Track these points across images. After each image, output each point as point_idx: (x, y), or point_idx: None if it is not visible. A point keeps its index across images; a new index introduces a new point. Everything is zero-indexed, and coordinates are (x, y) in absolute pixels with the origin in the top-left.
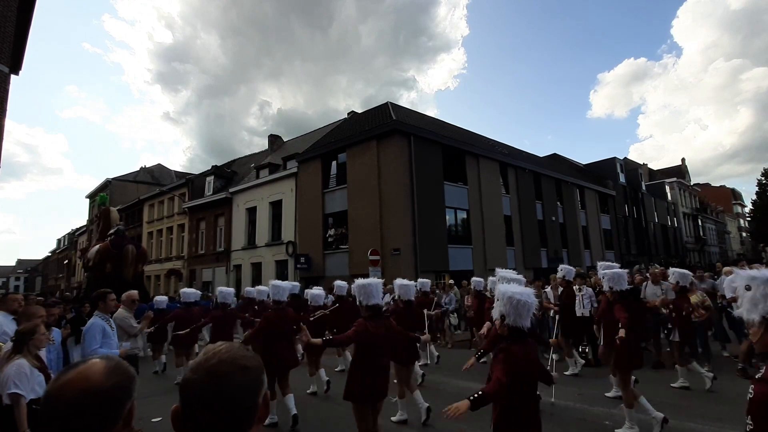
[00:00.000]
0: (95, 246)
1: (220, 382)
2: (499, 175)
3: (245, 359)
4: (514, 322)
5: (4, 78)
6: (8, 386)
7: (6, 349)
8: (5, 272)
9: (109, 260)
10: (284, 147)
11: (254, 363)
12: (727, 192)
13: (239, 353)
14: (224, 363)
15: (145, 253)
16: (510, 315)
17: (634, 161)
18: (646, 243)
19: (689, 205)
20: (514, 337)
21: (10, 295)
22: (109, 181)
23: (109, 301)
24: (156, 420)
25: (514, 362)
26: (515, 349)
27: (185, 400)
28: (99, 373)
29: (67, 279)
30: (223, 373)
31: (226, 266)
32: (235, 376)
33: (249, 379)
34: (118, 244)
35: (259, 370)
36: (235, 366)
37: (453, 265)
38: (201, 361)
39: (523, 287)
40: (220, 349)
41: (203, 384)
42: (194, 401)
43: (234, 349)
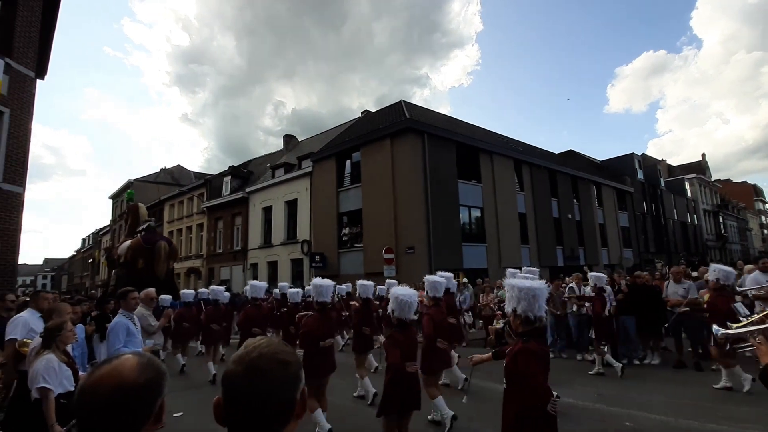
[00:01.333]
0: (125, 242)
1: (259, 376)
2: (514, 172)
3: (284, 354)
4: (525, 311)
5: (30, 82)
6: (37, 381)
7: (35, 345)
8: (33, 271)
9: (141, 256)
10: (299, 146)
11: (293, 358)
12: (748, 188)
13: (279, 348)
14: (264, 357)
15: (175, 249)
16: (521, 304)
17: (652, 157)
18: (665, 240)
19: (710, 201)
20: (528, 333)
21: (41, 293)
22: (131, 182)
23: (130, 299)
24: (177, 415)
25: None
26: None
27: (226, 392)
28: (132, 369)
29: (91, 277)
30: (262, 367)
31: (243, 265)
32: (274, 370)
33: (287, 374)
34: (149, 240)
35: (298, 365)
36: (275, 360)
37: (467, 264)
38: (242, 355)
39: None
40: (261, 343)
41: (243, 377)
42: (234, 393)
43: (274, 343)
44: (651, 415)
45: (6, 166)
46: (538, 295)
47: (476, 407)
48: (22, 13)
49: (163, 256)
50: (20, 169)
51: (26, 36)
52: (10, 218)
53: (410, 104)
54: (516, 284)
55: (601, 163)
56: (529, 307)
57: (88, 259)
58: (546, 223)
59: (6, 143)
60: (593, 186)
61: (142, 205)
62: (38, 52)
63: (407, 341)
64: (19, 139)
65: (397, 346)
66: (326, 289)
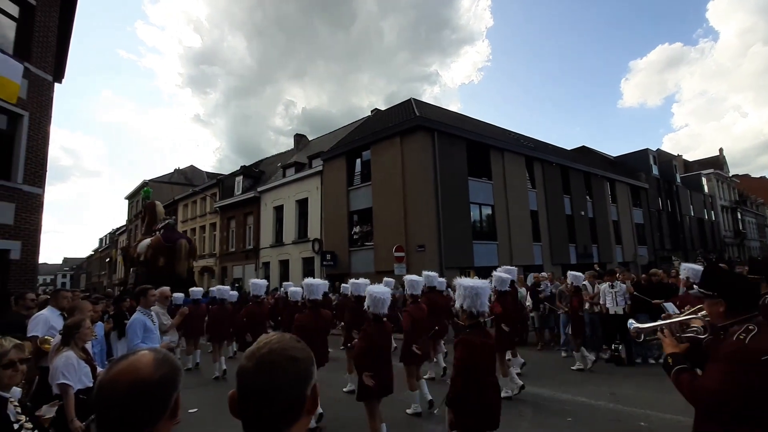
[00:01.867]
0: (144, 240)
1: (269, 371)
2: (525, 169)
3: (295, 350)
4: (469, 306)
5: (48, 86)
6: (57, 377)
7: (55, 343)
8: (53, 270)
9: (162, 254)
10: (309, 146)
11: (304, 354)
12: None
13: (290, 344)
14: (274, 353)
15: (196, 248)
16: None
17: (667, 152)
18: (681, 237)
19: (727, 197)
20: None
21: (61, 291)
22: (145, 182)
23: (149, 296)
24: (192, 411)
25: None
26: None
27: (239, 387)
28: (148, 364)
29: (108, 276)
30: (272, 363)
31: (255, 263)
32: (284, 366)
33: (297, 370)
34: (170, 238)
35: (308, 361)
36: (285, 356)
37: (478, 261)
38: (254, 350)
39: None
40: (272, 339)
41: (254, 372)
42: (245, 388)
43: (285, 339)
44: (665, 414)
45: (26, 168)
46: (480, 293)
47: None
48: (40, 18)
49: (184, 254)
50: (40, 170)
51: (44, 41)
52: (31, 219)
53: (420, 102)
54: (462, 283)
55: (615, 159)
56: (472, 304)
57: (105, 258)
58: (558, 220)
59: (26, 146)
60: (607, 182)
61: (159, 204)
62: (55, 57)
63: (379, 333)
64: (38, 142)
65: (368, 338)
66: (317, 288)
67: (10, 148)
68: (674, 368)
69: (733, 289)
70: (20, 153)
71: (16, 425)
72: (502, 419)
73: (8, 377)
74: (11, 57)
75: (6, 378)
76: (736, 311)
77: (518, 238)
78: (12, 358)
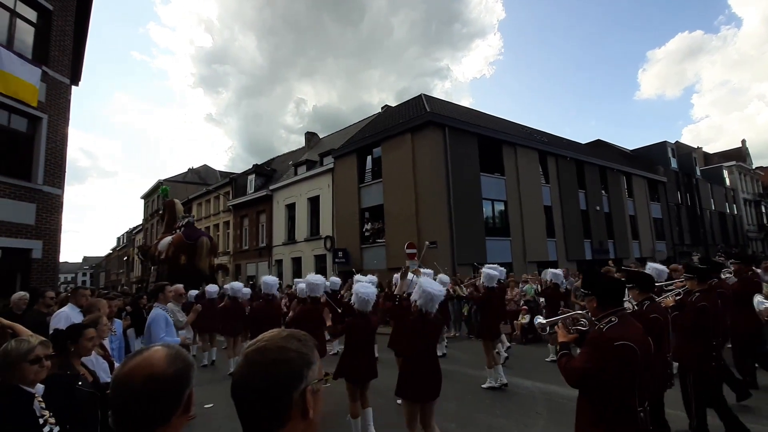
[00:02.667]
0: (165, 238)
1: (254, 370)
2: (539, 164)
3: (281, 352)
4: (422, 306)
5: (65, 89)
6: None
7: None
8: (73, 268)
9: (183, 252)
10: (320, 143)
11: (292, 356)
12: None
13: (283, 343)
14: (258, 352)
15: (215, 245)
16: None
17: (687, 145)
18: (702, 232)
19: (750, 190)
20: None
21: (80, 289)
22: (160, 182)
23: (167, 293)
24: (208, 406)
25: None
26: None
27: (231, 384)
28: (161, 360)
29: (126, 274)
30: (253, 363)
31: (268, 261)
32: (264, 367)
33: (280, 372)
34: (191, 236)
35: (301, 364)
36: (267, 357)
37: (491, 258)
38: (246, 347)
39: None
40: (264, 336)
41: (240, 370)
42: (233, 385)
43: (277, 338)
44: (669, 410)
45: (46, 169)
46: (434, 299)
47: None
48: (57, 23)
49: (205, 251)
50: (59, 171)
51: (61, 45)
52: (51, 219)
53: (430, 97)
54: (423, 286)
55: (632, 152)
56: (424, 304)
57: (123, 257)
58: (573, 215)
59: (45, 147)
60: (623, 176)
61: (178, 201)
62: (72, 60)
63: (365, 326)
64: (56, 144)
65: (356, 329)
66: (318, 286)
67: (30, 150)
68: (559, 354)
69: (601, 288)
70: (40, 154)
71: (41, 420)
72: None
73: (34, 373)
74: (29, 61)
75: (32, 374)
76: (605, 306)
77: (532, 234)
78: (38, 354)
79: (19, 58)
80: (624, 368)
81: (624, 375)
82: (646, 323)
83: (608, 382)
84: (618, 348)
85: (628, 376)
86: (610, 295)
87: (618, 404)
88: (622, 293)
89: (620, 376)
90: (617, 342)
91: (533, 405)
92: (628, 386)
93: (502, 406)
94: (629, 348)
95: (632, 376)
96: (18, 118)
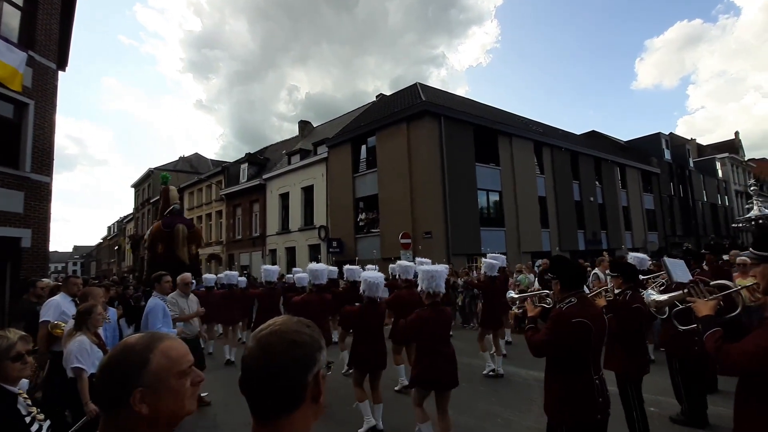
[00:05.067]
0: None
1: (267, 354)
2: (534, 154)
3: (297, 334)
4: (428, 287)
5: (52, 74)
6: (71, 361)
7: (68, 328)
8: (64, 258)
9: (161, 241)
10: (314, 132)
11: (307, 340)
12: None
13: (293, 327)
14: (274, 335)
15: (199, 233)
16: (424, 282)
17: (681, 136)
18: (693, 223)
19: (742, 182)
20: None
21: (71, 278)
22: (151, 170)
23: (164, 282)
24: (204, 395)
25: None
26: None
27: (241, 368)
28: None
29: (118, 263)
30: (269, 345)
31: (262, 251)
32: (282, 349)
33: (297, 355)
34: (169, 224)
35: (312, 347)
36: (284, 339)
37: (485, 248)
38: (257, 332)
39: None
40: (276, 321)
41: (253, 353)
42: (245, 370)
43: (290, 323)
44: (660, 397)
45: (33, 156)
46: (435, 276)
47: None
48: (43, 6)
49: (182, 239)
50: (47, 159)
51: (47, 29)
52: (40, 207)
53: (426, 86)
54: (421, 268)
55: (626, 143)
56: (429, 285)
57: (114, 246)
58: (567, 206)
59: (32, 134)
60: (617, 168)
61: (173, 188)
62: (58, 44)
63: (372, 314)
64: (44, 131)
65: (365, 316)
66: (322, 273)
67: (17, 137)
68: (526, 327)
69: (563, 273)
70: (27, 141)
71: (28, 418)
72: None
73: (17, 370)
74: (15, 45)
75: (15, 371)
76: (568, 288)
77: (526, 225)
78: (20, 350)
79: (4, 43)
80: (579, 341)
81: (579, 347)
82: (629, 312)
83: (567, 352)
84: (575, 324)
85: (583, 347)
86: (571, 279)
87: (575, 372)
88: (582, 278)
89: (576, 348)
90: (575, 319)
91: (528, 392)
92: (584, 357)
93: (498, 394)
94: (585, 324)
95: (587, 349)
96: (4, 104)
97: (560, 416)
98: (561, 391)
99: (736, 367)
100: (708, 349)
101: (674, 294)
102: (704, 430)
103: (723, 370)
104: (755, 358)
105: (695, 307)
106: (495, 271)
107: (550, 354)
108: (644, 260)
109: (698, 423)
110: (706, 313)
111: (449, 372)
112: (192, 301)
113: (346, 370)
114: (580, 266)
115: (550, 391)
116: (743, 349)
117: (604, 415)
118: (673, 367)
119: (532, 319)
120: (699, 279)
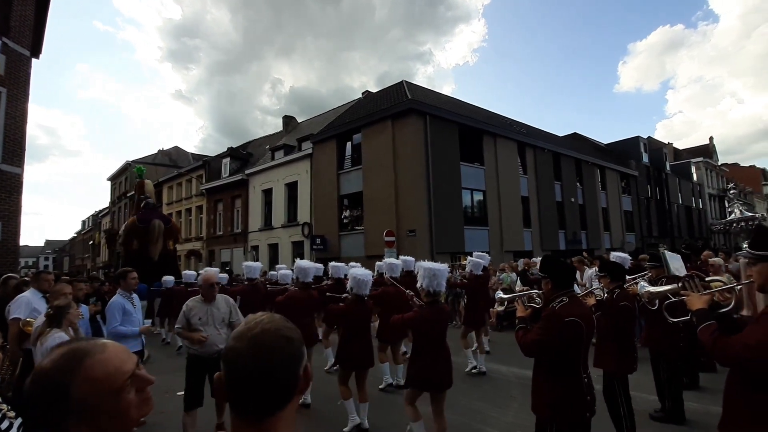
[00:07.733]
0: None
1: (264, 352)
2: (517, 155)
3: (288, 330)
4: (428, 286)
5: (25, 61)
6: None
7: (38, 324)
8: (35, 252)
9: (135, 236)
10: (299, 128)
11: (296, 334)
12: (756, 172)
13: (282, 324)
14: (268, 333)
15: (176, 229)
16: (425, 281)
17: (658, 140)
18: (669, 225)
19: (716, 185)
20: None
21: (42, 273)
22: (128, 163)
23: (129, 279)
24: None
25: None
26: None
27: (229, 369)
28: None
29: (92, 259)
30: (266, 343)
31: (243, 247)
32: (279, 346)
33: (292, 350)
34: (144, 219)
35: (300, 342)
36: (279, 336)
37: (469, 247)
38: (244, 331)
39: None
40: (262, 318)
41: (247, 353)
42: (238, 371)
43: (276, 319)
44: (650, 396)
45: (4, 146)
46: (437, 274)
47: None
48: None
49: (157, 235)
50: (18, 149)
51: (22, 14)
52: (11, 199)
53: (412, 84)
54: (422, 265)
55: (606, 146)
56: (430, 284)
57: (88, 241)
58: (549, 206)
59: (3, 123)
60: (597, 169)
61: (149, 182)
62: (33, 31)
63: (359, 311)
64: (16, 119)
65: (352, 314)
66: (308, 270)
67: None
68: (517, 327)
69: (555, 272)
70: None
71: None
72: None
73: None
74: None
75: None
76: (558, 288)
77: (509, 224)
78: None
79: None
80: (572, 340)
81: (571, 346)
82: (617, 310)
83: (559, 352)
84: (568, 323)
85: (574, 346)
86: (562, 278)
87: (566, 371)
88: (573, 277)
89: (568, 347)
90: (567, 318)
91: (509, 389)
92: (575, 356)
93: (480, 390)
94: (577, 323)
95: (578, 347)
96: None
97: (550, 415)
98: (551, 391)
99: (736, 359)
100: (703, 341)
101: (669, 287)
102: (683, 426)
103: (722, 361)
104: (756, 350)
105: (689, 301)
106: (479, 270)
107: (542, 353)
108: (626, 260)
109: (677, 419)
110: (699, 307)
111: (445, 372)
112: (219, 306)
113: (329, 367)
114: (570, 266)
115: (540, 390)
116: (744, 342)
117: (592, 412)
118: (660, 366)
119: (522, 320)
120: (694, 273)
